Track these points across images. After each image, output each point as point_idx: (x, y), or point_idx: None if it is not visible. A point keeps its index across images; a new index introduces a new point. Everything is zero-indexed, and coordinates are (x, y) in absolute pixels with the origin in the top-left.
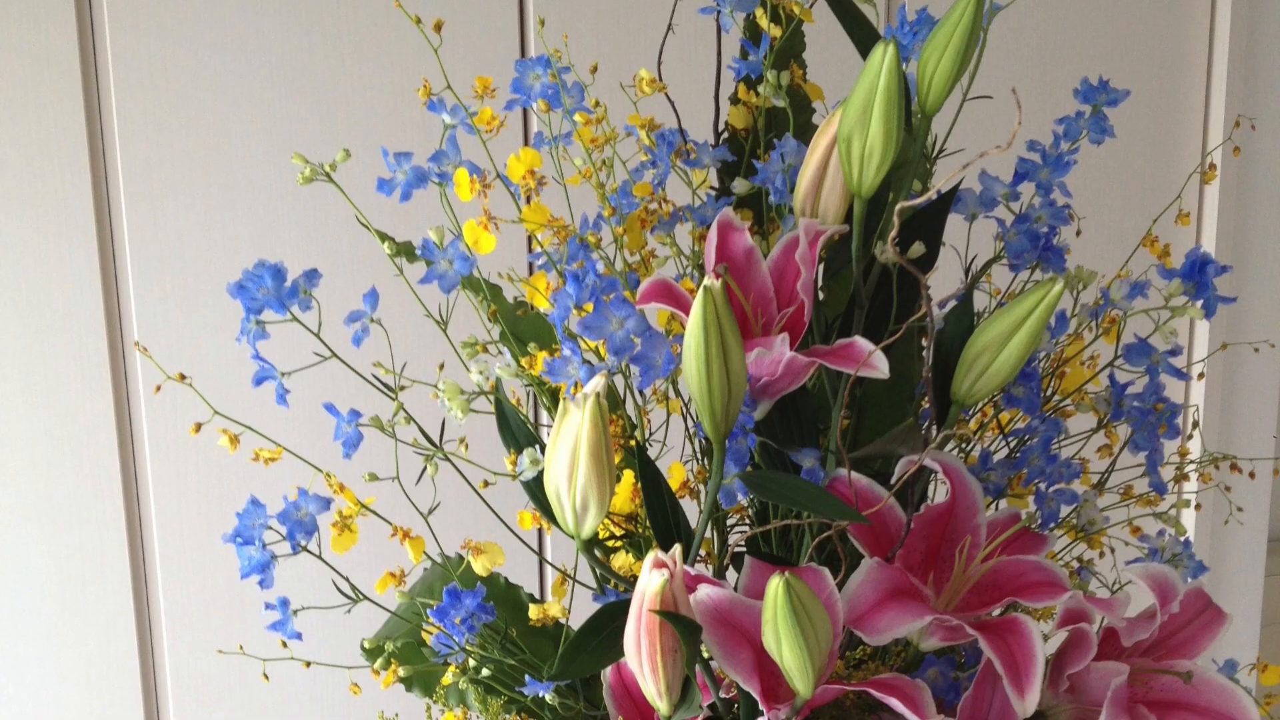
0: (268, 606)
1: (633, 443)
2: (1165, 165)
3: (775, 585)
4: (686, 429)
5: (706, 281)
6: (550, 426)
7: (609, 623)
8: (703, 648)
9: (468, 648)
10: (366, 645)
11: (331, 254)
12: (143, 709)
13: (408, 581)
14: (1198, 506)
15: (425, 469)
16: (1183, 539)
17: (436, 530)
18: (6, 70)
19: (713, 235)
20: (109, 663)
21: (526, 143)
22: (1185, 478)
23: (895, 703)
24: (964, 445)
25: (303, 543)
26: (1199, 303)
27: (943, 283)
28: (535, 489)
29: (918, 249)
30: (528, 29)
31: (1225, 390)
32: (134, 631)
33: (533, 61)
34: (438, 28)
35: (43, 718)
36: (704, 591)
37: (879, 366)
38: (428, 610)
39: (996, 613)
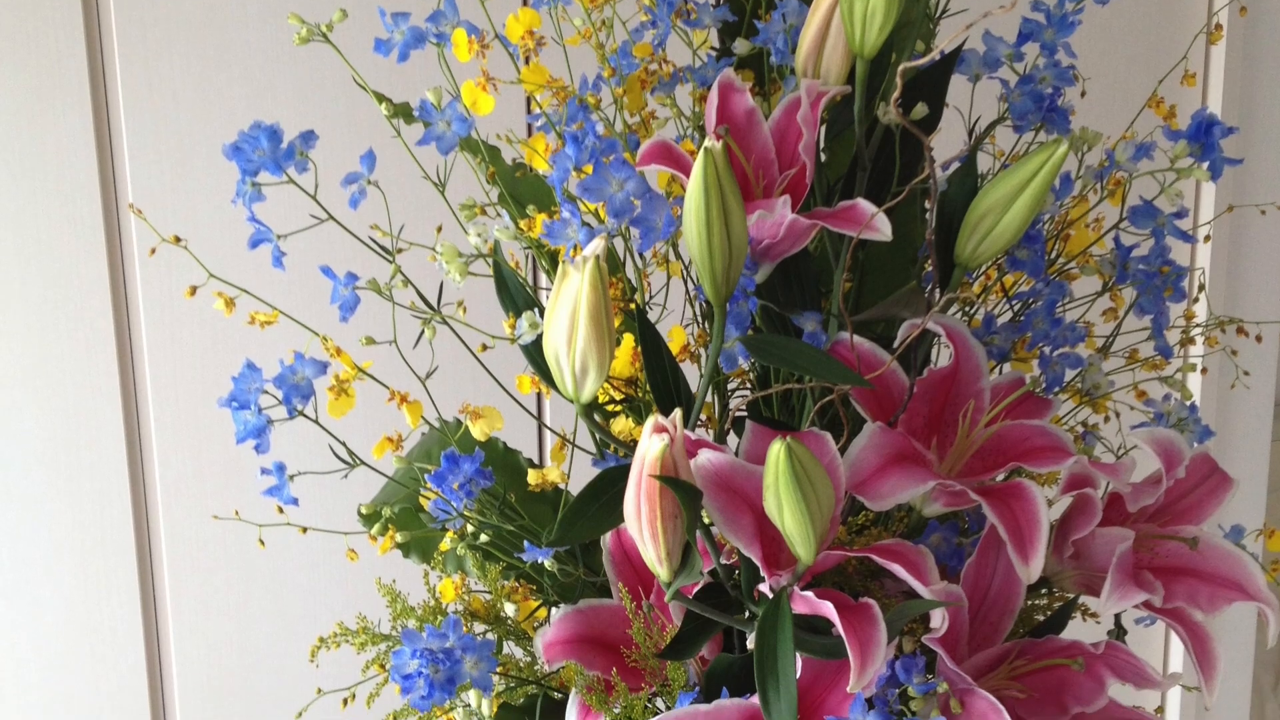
0: (263, 472)
1: (633, 306)
2: (1171, 25)
3: (777, 450)
4: (687, 292)
5: (707, 143)
6: (549, 290)
7: (608, 488)
8: (703, 513)
9: (466, 513)
10: (363, 511)
11: (328, 116)
12: (137, 575)
13: (405, 446)
14: (1203, 370)
15: (423, 332)
16: (1188, 403)
17: (434, 394)
18: None
19: (713, 96)
20: (102, 528)
21: (525, 3)
22: (1191, 341)
23: (898, 569)
24: (967, 309)
25: (299, 407)
26: (1205, 164)
27: (946, 144)
28: (534, 353)
29: (921, 110)
30: None
31: (1231, 253)
32: (129, 497)
33: None
34: None
35: (38, 585)
36: (705, 456)
37: (881, 229)
38: (425, 475)
39: (1000, 478)
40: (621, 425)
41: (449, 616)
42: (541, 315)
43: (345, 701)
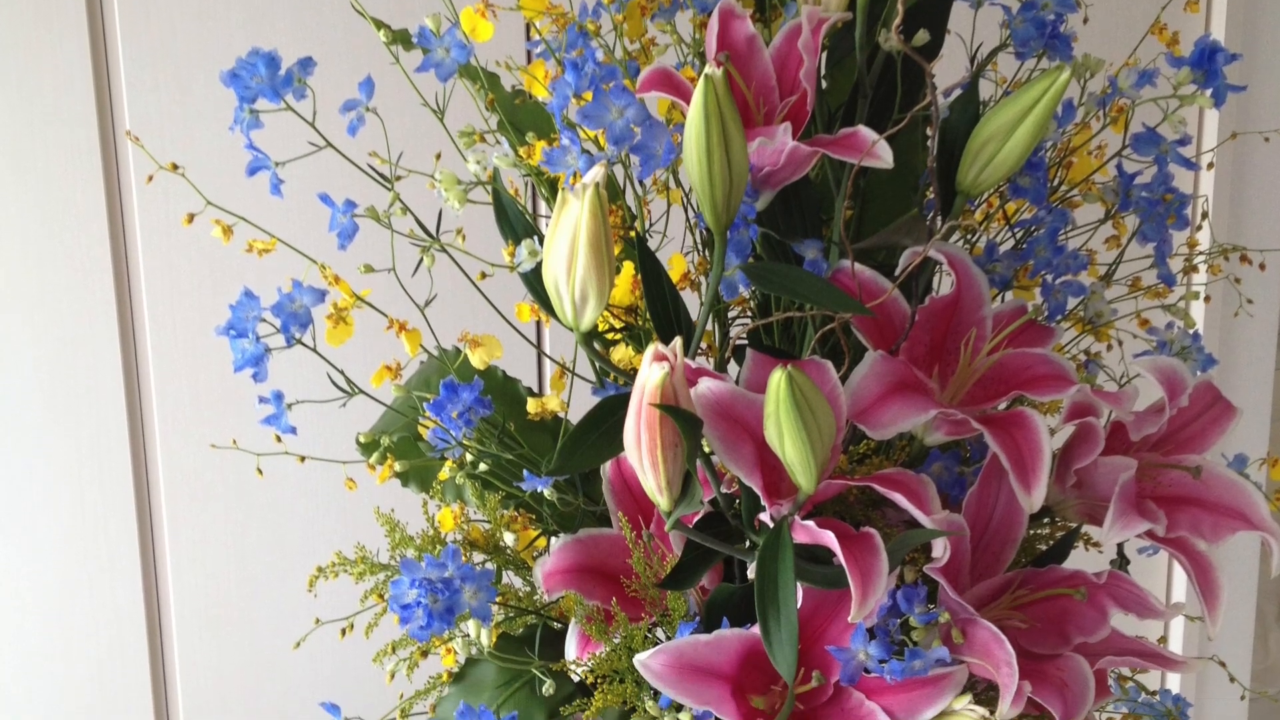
0: (261, 400)
1: (632, 234)
2: None
3: (777, 378)
4: (687, 220)
5: (708, 70)
6: (549, 217)
7: (608, 417)
8: (703, 442)
9: (465, 442)
10: (362, 440)
11: (326, 42)
12: (135, 505)
13: (404, 375)
14: (1207, 299)
15: (421, 260)
16: (1191, 331)
17: (433, 323)
18: None
19: (714, 22)
20: (99, 457)
21: None
22: (1194, 269)
23: (899, 498)
24: (969, 236)
25: (297, 335)
26: (1208, 91)
27: (947, 71)
28: (533, 281)
29: (922, 36)
30: None
31: (1235, 180)
32: (125, 427)
33: None
34: None
35: (35, 514)
36: (705, 385)
37: (883, 156)
38: (424, 404)
39: (1002, 407)
40: (621, 353)
41: (448, 546)
42: (541, 243)
43: (343, 632)
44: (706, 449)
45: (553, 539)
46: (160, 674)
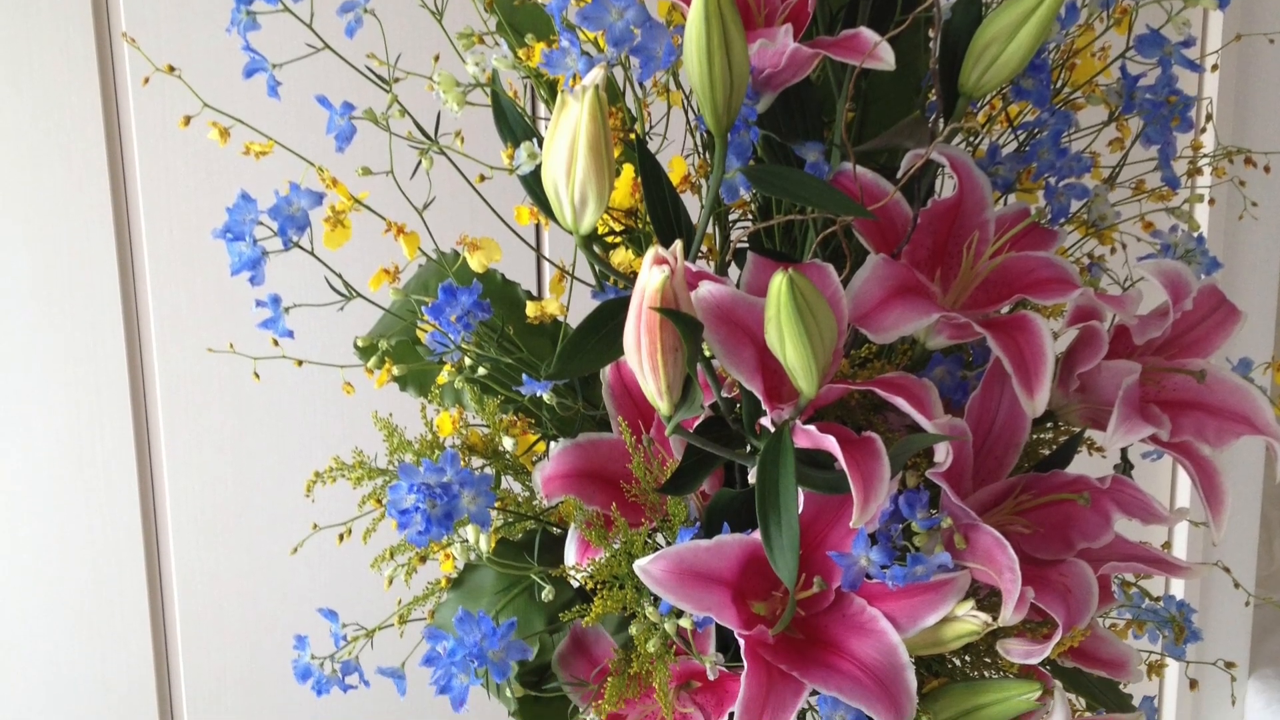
0: (258, 304)
1: (632, 136)
2: None
3: (778, 281)
4: (688, 122)
5: None
6: (548, 120)
7: (608, 320)
8: (704, 346)
9: (463, 346)
10: (360, 343)
11: None
12: (131, 409)
13: (402, 278)
14: (1211, 201)
15: (420, 163)
16: (1196, 234)
17: (431, 226)
18: None
19: None
20: (95, 362)
21: None
22: (1198, 172)
23: (901, 402)
24: (972, 138)
25: (294, 238)
26: None
27: None
28: (533, 183)
29: None
30: None
31: (1239, 83)
32: (121, 331)
33: None
34: None
35: (30, 419)
36: (705, 288)
37: (884, 58)
38: (422, 307)
39: (1005, 310)
40: (621, 257)
41: (446, 451)
42: (540, 146)
43: (341, 537)
44: (707, 353)
45: (552, 444)
46: (156, 579)
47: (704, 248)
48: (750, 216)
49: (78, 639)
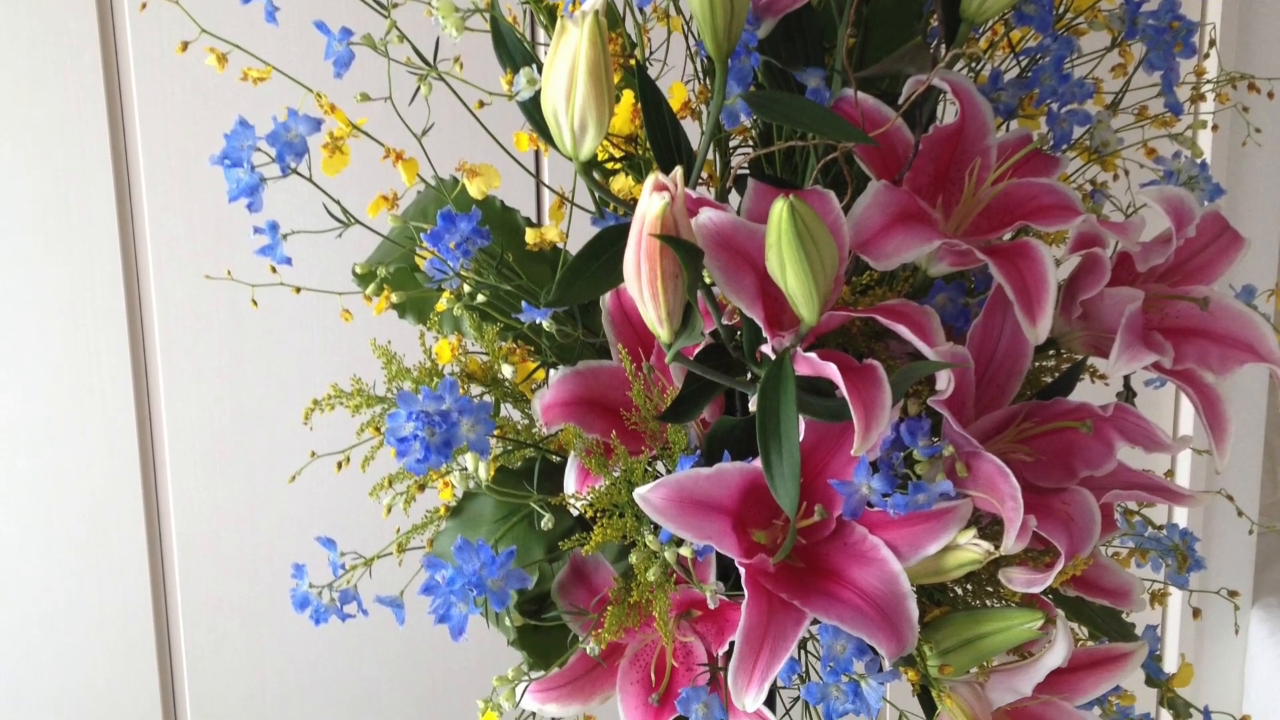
0: (256, 231)
1: (632, 62)
2: None
3: (779, 208)
4: (688, 48)
5: None
6: (547, 45)
7: (608, 247)
8: (704, 273)
9: (462, 273)
10: (358, 270)
11: None
12: (128, 336)
13: (401, 205)
14: (1214, 128)
15: (419, 89)
16: (1199, 161)
17: (430, 152)
18: None
19: None
20: (92, 289)
21: None
22: (1202, 98)
23: (903, 329)
24: (973, 64)
25: (292, 165)
26: None
27: None
28: (532, 109)
29: None
30: None
31: (1243, 7)
32: (119, 258)
33: None
34: None
35: (27, 347)
36: (706, 215)
37: None
38: (421, 234)
39: (1007, 237)
40: (621, 183)
41: (445, 378)
42: (540, 71)
43: (340, 465)
44: (707, 280)
45: (551, 371)
46: (154, 509)
47: (704, 174)
48: (751, 143)
49: (76, 568)
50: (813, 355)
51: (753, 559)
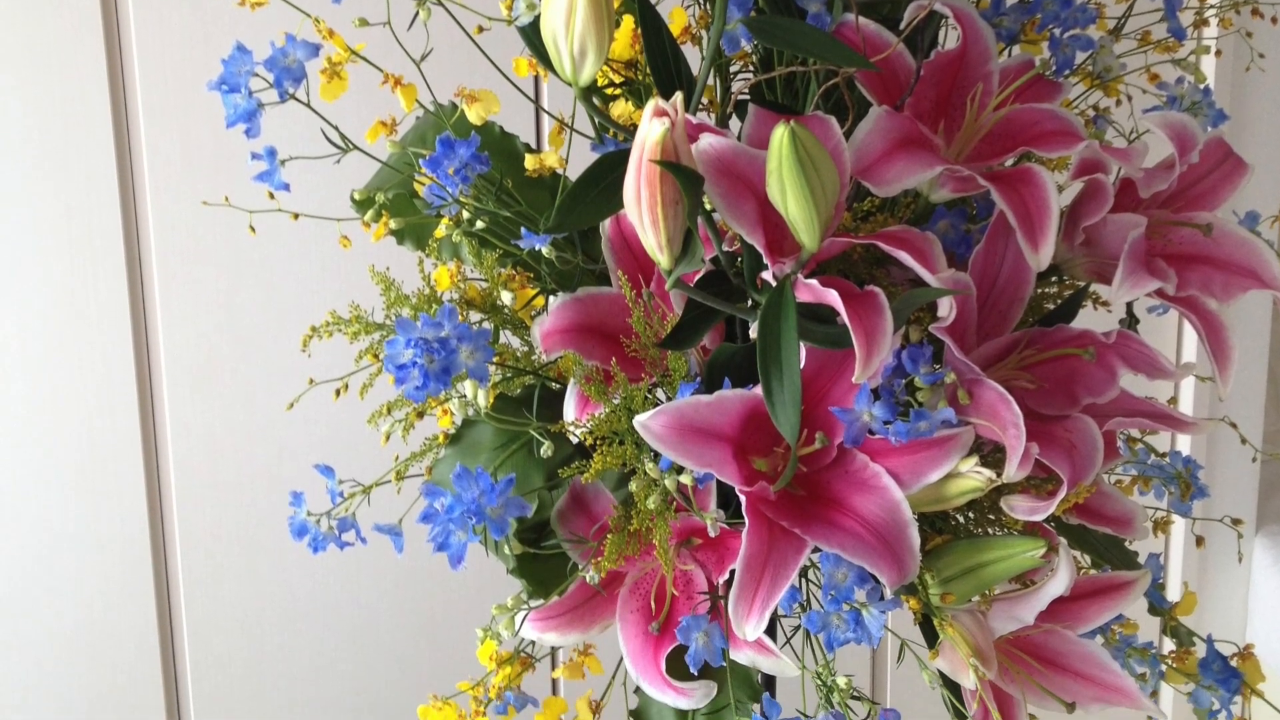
0: (254, 157)
1: None
2: None
3: (780, 134)
4: None
5: None
6: None
7: (608, 173)
8: (705, 199)
9: (461, 199)
10: (356, 197)
11: None
12: (125, 262)
13: (399, 131)
14: (1218, 53)
15: (417, 13)
16: (1202, 86)
17: (429, 77)
18: None
19: None
20: (90, 215)
21: None
22: (1205, 23)
23: (904, 256)
24: None
25: (290, 90)
26: None
27: None
28: (531, 35)
29: None
30: None
31: None
32: (115, 183)
33: None
34: None
35: (21, 272)
36: (706, 141)
37: None
38: (420, 160)
39: (1009, 163)
40: (621, 109)
41: (444, 305)
42: None
43: (338, 393)
44: (708, 206)
45: (551, 298)
46: (151, 436)
47: (704, 100)
48: (751, 68)
49: (72, 496)
50: (814, 282)
51: (753, 487)
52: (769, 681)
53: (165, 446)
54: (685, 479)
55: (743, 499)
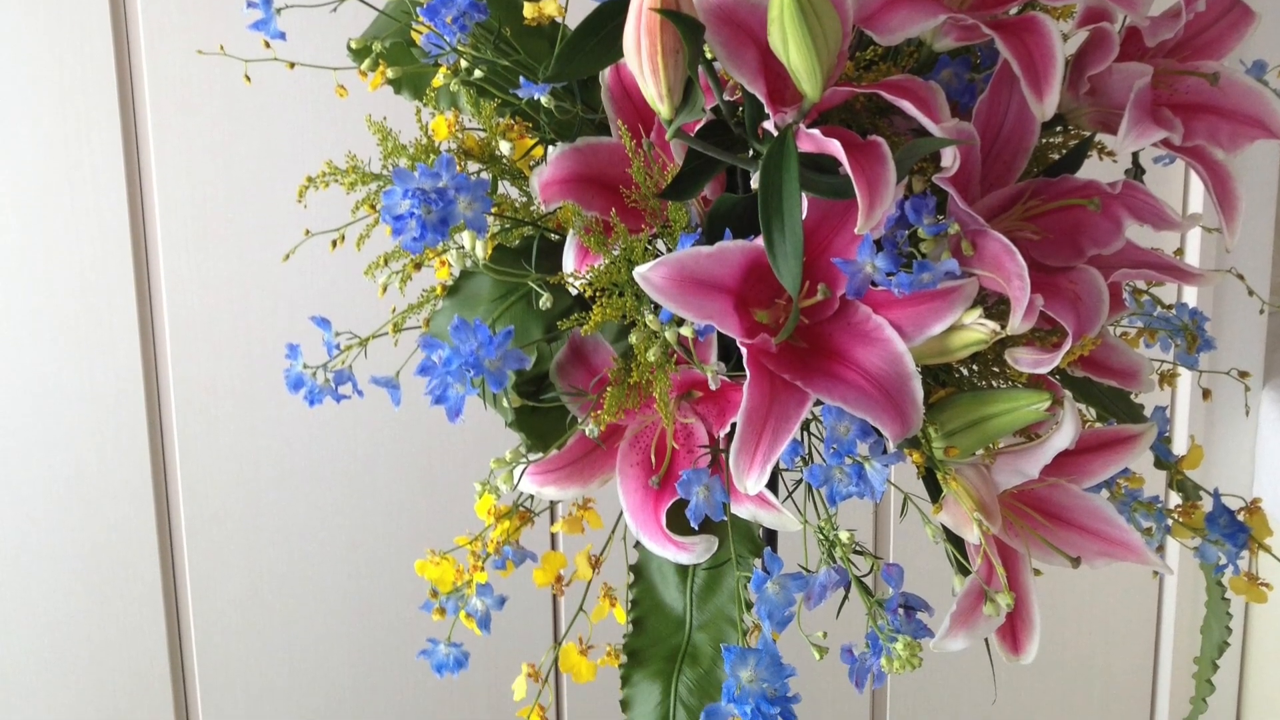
0: (249, 4)
1: None
2: None
3: None
4: None
5: None
6: None
7: (608, 22)
8: (706, 48)
9: (459, 48)
10: (353, 45)
11: None
12: (119, 111)
13: None
14: None
15: None
16: None
17: None
18: None
19: None
20: (82, 64)
21: None
22: None
23: (907, 105)
24: None
25: None
26: None
27: None
28: None
29: None
30: None
31: None
32: (110, 32)
33: None
34: None
35: (14, 114)
36: None
37: None
38: (417, 8)
39: (1014, 11)
40: None
41: (442, 155)
42: None
43: (334, 244)
44: (709, 55)
45: (550, 148)
46: (145, 286)
47: None
48: None
49: (65, 348)
50: (815, 131)
51: (755, 339)
52: (770, 536)
53: (159, 298)
54: (686, 331)
55: (744, 351)
